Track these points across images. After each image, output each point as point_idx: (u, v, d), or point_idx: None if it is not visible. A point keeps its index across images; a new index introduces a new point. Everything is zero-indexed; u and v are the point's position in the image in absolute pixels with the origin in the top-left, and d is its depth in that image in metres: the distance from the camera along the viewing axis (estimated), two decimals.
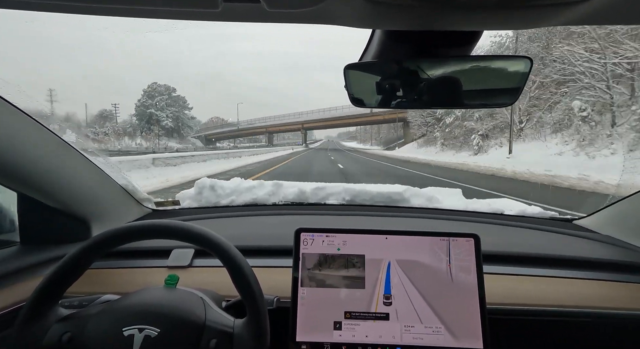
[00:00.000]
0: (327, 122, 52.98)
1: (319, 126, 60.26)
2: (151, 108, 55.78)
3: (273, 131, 68.24)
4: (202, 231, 0.61)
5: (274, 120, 66.10)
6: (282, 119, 64.17)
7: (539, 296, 0.80)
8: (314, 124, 56.53)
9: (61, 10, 0.41)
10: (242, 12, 0.42)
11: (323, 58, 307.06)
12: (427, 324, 0.69)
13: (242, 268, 0.59)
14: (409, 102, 0.67)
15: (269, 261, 0.91)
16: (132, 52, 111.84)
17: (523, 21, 0.46)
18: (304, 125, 57.01)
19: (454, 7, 0.41)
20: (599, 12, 0.42)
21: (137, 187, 1.21)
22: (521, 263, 0.91)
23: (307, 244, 0.74)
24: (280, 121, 63.93)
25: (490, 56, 0.62)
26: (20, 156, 0.76)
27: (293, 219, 1.27)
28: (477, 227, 1.17)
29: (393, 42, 0.59)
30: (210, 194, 1.50)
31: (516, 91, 0.64)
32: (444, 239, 0.74)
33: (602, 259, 0.92)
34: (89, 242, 0.59)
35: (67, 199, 0.91)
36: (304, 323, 0.69)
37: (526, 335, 0.80)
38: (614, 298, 0.80)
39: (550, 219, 1.24)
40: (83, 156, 0.93)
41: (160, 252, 0.95)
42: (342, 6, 0.40)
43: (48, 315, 0.57)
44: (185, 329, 0.56)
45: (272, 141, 71.77)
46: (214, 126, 78.60)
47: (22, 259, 0.85)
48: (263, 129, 66.13)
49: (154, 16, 0.43)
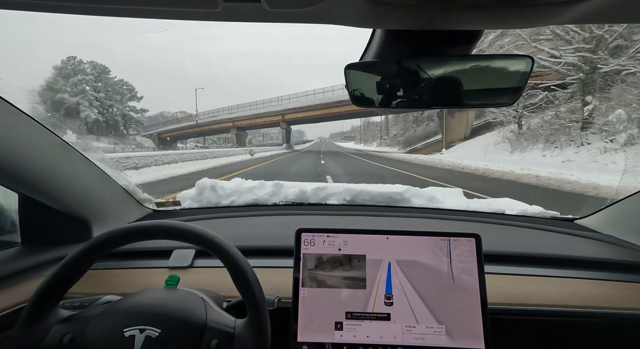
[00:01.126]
0: (319, 110, 36.61)
1: (306, 119, 43.06)
2: (63, 92, 36.87)
3: (244, 126, 49.99)
4: (203, 231, 0.61)
5: (245, 109, 47.79)
6: (256, 107, 46.61)
7: (540, 296, 0.80)
8: (299, 115, 40.47)
9: (60, 11, 0.41)
10: (242, 12, 0.42)
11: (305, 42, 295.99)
12: (428, 325, 0.68)
13: (242, 268, 0.59)
14: (409, 102, 0.67)
15: (270, 262, 0.91)
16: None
17: (523, 20, 0.46)
18: (285, 116, 41.34)
19: (454, 6, 0.41)
20: (599, 11, 0.42)
21: (137, 188, 1.21)
22: (522, 262, 0.91)
23: (307, 244, 0.74)
24: (253, 110, 46.24)
25: (490, 55, 0.62)
26: (21, 156, 0.76)
27: (294, 219, 1.27)
28: (478, 227, 1.17)
29: (393, 41, 0.59)
30: (211, 194, 1.50)
31: (517, 91, 0.64)
32: (445, 239, 0.73)
33: (604, 259, 0.92)
34: (89, 243, 0.59)
35: (68, 200, 0.91)
36: (305, 323, 0.69)
37: (527, 335, 0.80)
38: (615, 298, 0.80)
39: (552, 219, 1.24)
40: (84, 156, 0.93)
41: (161, 252, 0.95)
42: (343, 6, 0.40)
43: (49, 316, 0.57)
44: (186, 329, 0.56)
45: (242, 140, 52.48)
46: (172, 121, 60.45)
47: (23, 260, 0.85)
48: (229, 123, 48.30)
49: (154, 16, 0.43)
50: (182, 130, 53.81)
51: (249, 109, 48.23)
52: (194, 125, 51.76)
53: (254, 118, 45.92)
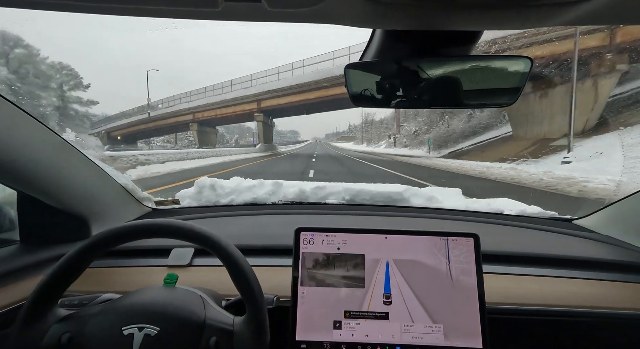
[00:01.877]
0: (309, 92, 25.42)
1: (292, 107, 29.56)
2: None
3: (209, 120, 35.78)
4: (202, 230, 0.61)
5: (209, 96, 34.75)
6: (221, 92, 33.86)
7: (538, 295, 0.81)
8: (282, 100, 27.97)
9: (61, 9, 0.41)
10: (242, 11, 0.42)
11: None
12: (426, 324, 0.69)
13: (241, 267, 0.59)
14: (409, 102, 0.68)
15: (269, 261, 0.91)
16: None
17: (523, 21, 0.46)
18: (262, 104, 29.25)
19: (454, 6, 0.41)
20: (600, 12, 0.42)
21: (137, 187, 1.21)
22: (520, 262, 0.91)
23: (307, 243, 0.74)
24: (219, 96, 33.46)
25: (490, 56, 0.62)
26: (21, 155, 0.76)
27: (293, 218, 1.27)
28: (476, 226, 1.18)
29: (393, 41, 0.59)
30: (210, 193, 1.50)
31: (516, 91, 0.64)
32: (444, 238, 0.74)
33: (602, 259, 0.92)
34: (88, 242, 0.59)
35: (67, 198, 0.91)
36: (303, 322, 0.69)
37: (525, 335, 0.80)
38: (613, 298, 0.81)
39: (550, 219, 1.24)
40: (83, 155, 0.93)
41: (160, 251, 0.95)
42: (343, 6, 0.40)
43: (47, 315, 0.57)
44: (184, 327, 0.56)
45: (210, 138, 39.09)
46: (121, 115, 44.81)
47: (22, 258, 0.85)
48: (188, 115, 35.20)
49: (154, 15, 0.43)
50: (133, 126, 40.40)
51: (213, 95, 34.37)
52: (146, 119, 37.54)
53: (221, 106, 32.24)
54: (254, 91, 30.13)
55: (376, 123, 56.93)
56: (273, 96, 28.78)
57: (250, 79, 31.83)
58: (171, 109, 37.50)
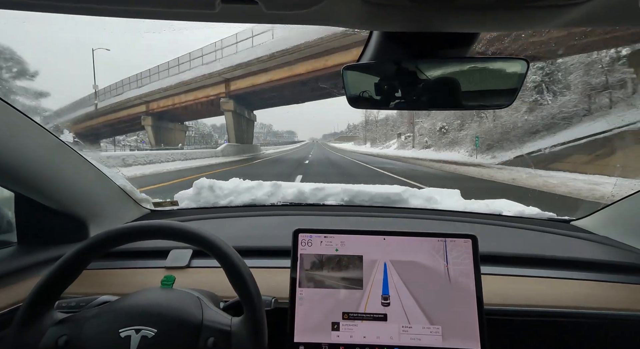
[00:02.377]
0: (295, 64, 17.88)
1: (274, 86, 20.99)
2: None
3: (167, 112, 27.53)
4: (200, 231, 0.61)
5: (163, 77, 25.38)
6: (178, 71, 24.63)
7: (537, 296, 0.81)
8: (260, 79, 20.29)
9: (59, 11, 0.41)
10: (240, 13, 0.42)
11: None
12: (424, 325, 0.69)
13: (239, 268, 0.59)
14: (407, 103, 0.68)
15: (267, 262, 0.91)
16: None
17: (521, 23, 0.46)
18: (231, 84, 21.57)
19: (451, 8, 0.41)
20: (597, 14, 0.42)
21: (135, 188, 1.21)
22: (519, 263, 0.91)
23: (305, 244, 0.74)
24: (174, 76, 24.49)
25: (487, 58, 0.62)
26: (18, 156, 0.76)
27: (291, 219, 1.27)
28: (475, 228, 1.18)
29: (391, 43, 0.59)
30: (209, 194, 1.50)
31: (513, 92, 0.64)
32: (442, 240, 0.74)
33: (599, 260, 0.92)
34: (86, 243, 0.59)
35: (64, 199, 0.91)
36: (301, 323, 0.69)
37: (523, 336, 0.81)
38: (610, 299, 0.81)
39: (548, 220, 1.24)
40: (81, 156, 0.93)
41: (158, 252, 0.95)
42: (340, 8, 0.40)
43: (44, 318, 0.57)
44: (182, 328, 0.56)
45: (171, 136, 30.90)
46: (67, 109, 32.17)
47: (20, 259, 0.85)
48: (141, 106, 27.55)
49: (152, 17, 0.43)
50: (81, 122, 31.13)
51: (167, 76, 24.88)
52: (93, 113, 29.17)
53: (178, 92, 23.95)
54: (219, 66, 20.85)
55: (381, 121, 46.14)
56: (246, 73, 20.11)
57: (214, 49, 21.94)
58: (119, 98, 28.03)
